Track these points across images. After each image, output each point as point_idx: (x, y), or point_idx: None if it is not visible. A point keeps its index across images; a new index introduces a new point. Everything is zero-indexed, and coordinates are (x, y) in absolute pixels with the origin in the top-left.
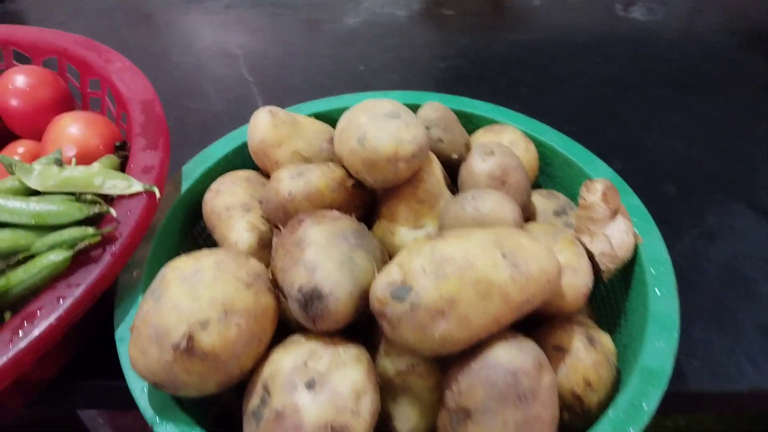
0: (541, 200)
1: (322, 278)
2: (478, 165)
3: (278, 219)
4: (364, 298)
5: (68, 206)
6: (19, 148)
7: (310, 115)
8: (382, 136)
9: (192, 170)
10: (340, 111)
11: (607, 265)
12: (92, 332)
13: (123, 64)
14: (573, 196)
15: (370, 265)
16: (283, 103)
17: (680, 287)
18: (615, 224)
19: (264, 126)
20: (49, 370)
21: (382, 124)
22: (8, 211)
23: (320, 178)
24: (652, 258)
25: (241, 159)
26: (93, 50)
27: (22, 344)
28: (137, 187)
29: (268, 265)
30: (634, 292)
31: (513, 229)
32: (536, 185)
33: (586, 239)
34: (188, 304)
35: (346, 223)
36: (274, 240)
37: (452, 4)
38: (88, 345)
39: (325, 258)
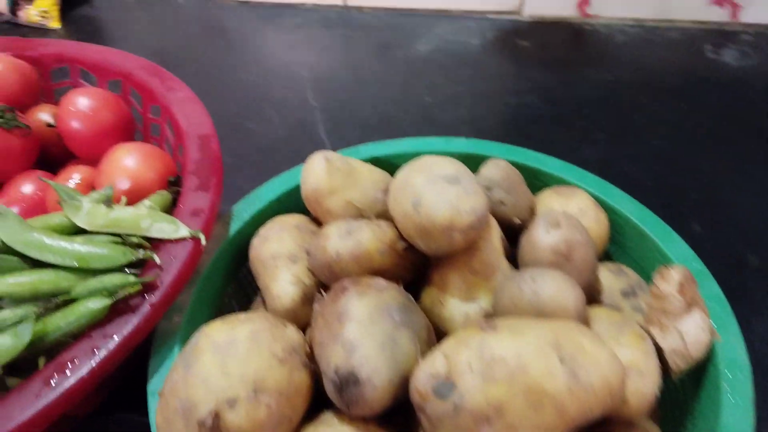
0: (608, 276)
1: (360, 361)
2: (542, 237)
3: (324, 277)
4: (404, 385)
5: (113, 250)
6: (75, 175)
7: (367, 160)
8: (438, 204)
9: (242, 211)
10: (401, 157)
11: (677, 364)
12: (132, 367)
13: (185, 94)
14: (643, 271)
15: (414, 348)
16: (344, 133)
17: (757, 377)
18: (690, 318)
19: (318, 173)
20: (84, 408)
21: (440, 190)
22: (53, 250)
23: (370, 239)
24: (729, 359)
25: (294, 201)
26: (156, 76)
27: (52, 396)
28: (184, 232)
29: (309, 322)
30: (705, 394)
31: (574, 326)
32: (605, 255)
33: (656, 332)
34: (218, 379)
35: (392, 296)
36: (315, 306)
37: (529, 34)
38: (127, 379)
39: (365, 337)
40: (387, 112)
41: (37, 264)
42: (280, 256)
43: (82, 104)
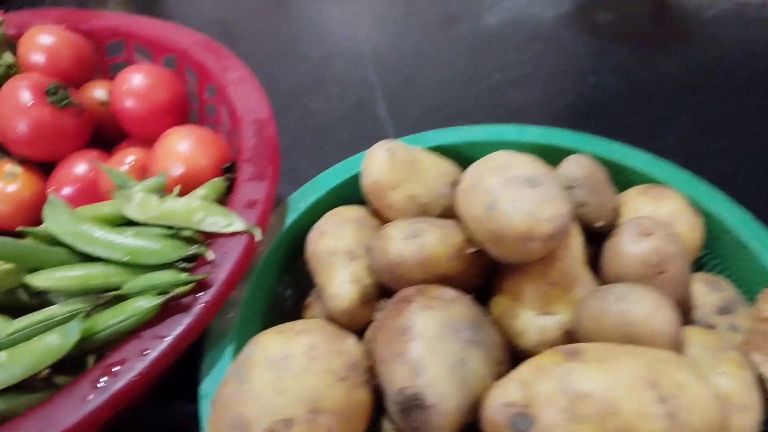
0: (702, 290)
1: (426, 385)
2: (630, 247)
3: (384, 279)
4: (473, 410)
5: (165, 245)
6: (129, 158)
7: (433, 148)
8: (515, 209)
9: (299, 201)
10: (469, 146)
11: None
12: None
13: (241, 74)
14: (741, 284)
15: (486, 370)
16: (405, 113)
17: None
18: None
19: (380, 166)
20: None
21: (517, 194)
22: (103, 244)
23: (437, 243)
24: None
25: (353, 190)
26: (213, 54)
27: (101, 399)
28: (238, 226)
29: (368, 323)
30: None
31: (671, 357)
32: (697, 263)
33: (758, 359)
34: (272, 397)
35: (461, 310)
36: (377, 316)
37: (608, 7)
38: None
39: (432, 358)
40: (451, 91)
41: (85, 257)
42: (337, 252)
43: (137, 82)
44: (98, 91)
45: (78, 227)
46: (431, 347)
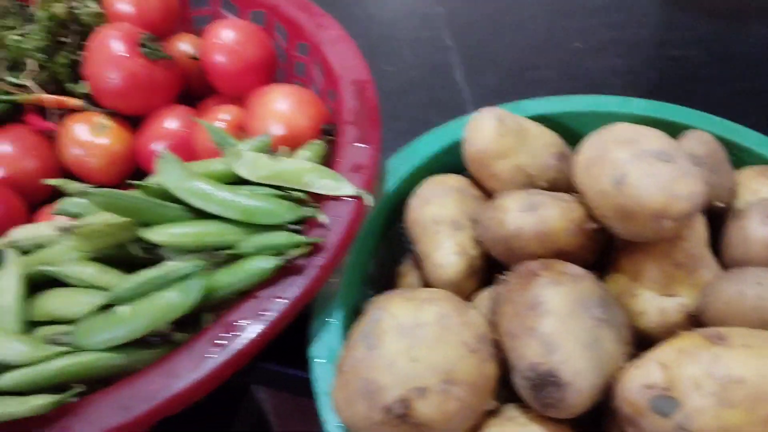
0: None
1: (561, 362)
2: (758, 230)
3: (495, 251)
4: (606, 389)
5: (279, 206)
6: (223, 115)
7: (532, 117)
8: (649, 185)
9: (397, 167)
10: (571, 116)
11: None
12: None
13: (337, 33)
14: None
15: (618, 349)
16: (482, 79)
17: None
18: None
19: (488, 133)
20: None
21: (651, 168)
22: (218, 202)
23: (557, 217)
24: None
25: (450, 158)
26: (305, 11)
27: (222, 357)
28: (348, 190)
29: (471, 293)
30: None
31: None
32: None
33: None
34: (406, 364)
35: (589, 287)
36: (497, 289)
37: None
38: None
39: (566, 335)
40: (529, 58)
41: (198, 214)
42: (442, 221)
43: (228, 37)
44: (184, 45)
45: (193, 183)
46: (564, 324)
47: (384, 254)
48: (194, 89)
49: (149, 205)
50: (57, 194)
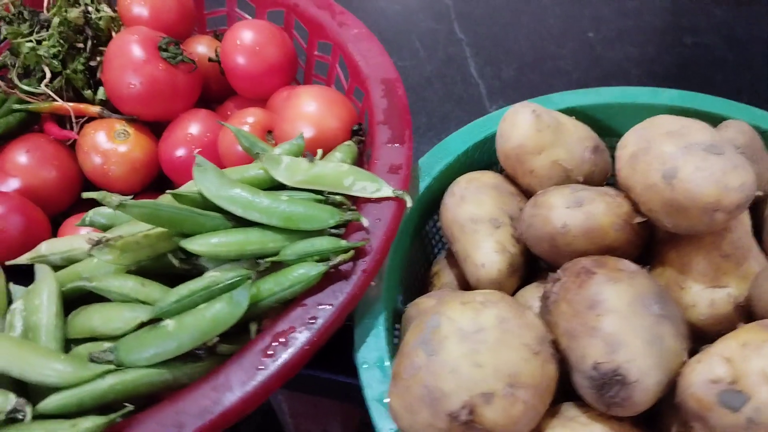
0: None
1: (626, 360)
2: None
3: (539, 249)
4: (670, 385)
5: (320, 210)
6: (248, 118)
7: (561, 111)
8: (702, 178)
9: (430, 166)
10: (601, 109)
11: None
12: None
13: (360, 31)
14: None
15: (678, 345)
16: (498, 71)
17: None
18: None
19: (526, 129)
20: None
21: (701, 162)
22: (259, 209)
23: (605, 212)
24: None
25: (481, 154)
26: (326, 9)
27: (273, 368)
28: (387, 191)
29: (514, 292)
30: None
31: None
32: None
33: None
34: (469, 370)
35: (644, 283)
36: (549, 288)
37: None
38: None
39: (629, 333)
40: (544, 48)
41: (238, 221)
42: (480, 219)
43: (249, 38)
44: (201, 47)
45: (233, 191)
46: (626, 321)
47: (414, 254)
48: (211, 92)
49: (191, 216)
50: (75, 205)
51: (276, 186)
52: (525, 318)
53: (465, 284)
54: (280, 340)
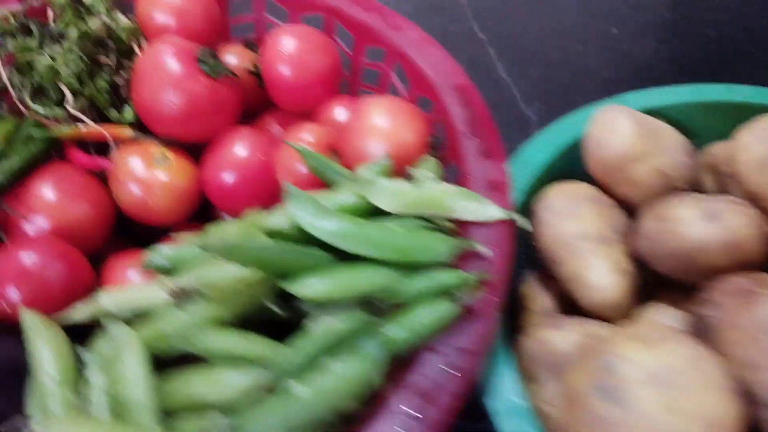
0: None
1: None
2: None
3: (666, 267)
4: None
5: (435, 239)
6: (305, 135)
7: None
8: None
9: (517, 177)
10: (677, 108)
11: None
12: None
13: (418, 35)
14: None
15: None
16: (526, 72)
17: None
18: None
19: (626, 135)
20: None
21: None
22: (368, 241)
23: (744, 224)
24: None
25: (563, 163)
26: (375, 12)
27: None
28: (495, 213)
29: (627, 312)
30: None
31: None
32: None
33: None
34: (666, 419)
35: None
36: (702, 312)
37: None
38: None
39: None
40: (568, 46)
41: (342, 257)
42: (588, 236)
43: (292, 46)
44: (231, 57)
45: (336, 222)
46: None
47: None
48: (249, 106)
49: (290, 255)
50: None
51: (371, 212)
52: (711, 354)
53: (567, 308)
54: (424, 397)
